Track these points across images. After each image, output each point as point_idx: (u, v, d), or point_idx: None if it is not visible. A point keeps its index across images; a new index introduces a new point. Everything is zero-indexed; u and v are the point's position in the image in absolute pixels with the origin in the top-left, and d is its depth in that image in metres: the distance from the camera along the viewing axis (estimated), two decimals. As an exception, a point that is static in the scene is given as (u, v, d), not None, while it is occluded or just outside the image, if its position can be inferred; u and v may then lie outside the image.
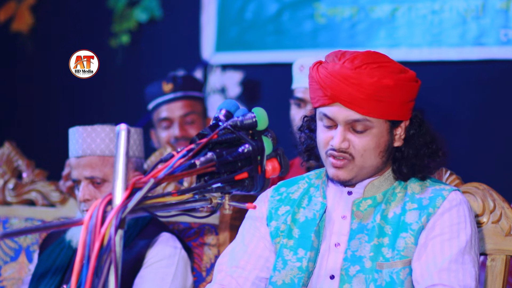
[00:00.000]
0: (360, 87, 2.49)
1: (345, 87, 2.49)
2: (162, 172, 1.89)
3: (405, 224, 2.55)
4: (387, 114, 2.54)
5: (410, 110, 2.60)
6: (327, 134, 2.56)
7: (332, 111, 2.53)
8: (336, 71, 2.51)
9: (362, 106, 2.50)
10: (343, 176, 2.56)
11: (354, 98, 2.49)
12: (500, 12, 4.22)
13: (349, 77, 2.49)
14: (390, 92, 2.51)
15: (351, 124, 2.53)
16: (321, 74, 2.54)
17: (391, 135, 2.58)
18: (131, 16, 5.28)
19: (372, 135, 2.54)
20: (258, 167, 2.05)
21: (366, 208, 2.60)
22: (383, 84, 2.50)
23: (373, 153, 2.55)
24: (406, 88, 2.55)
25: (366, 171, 2.58)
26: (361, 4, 4.56)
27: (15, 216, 3.76)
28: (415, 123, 2.62)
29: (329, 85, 2.51)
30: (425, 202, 2.57)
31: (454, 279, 2.47)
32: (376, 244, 2.54)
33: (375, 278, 2.52)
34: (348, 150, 2.54)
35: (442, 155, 2.65)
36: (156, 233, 3.17)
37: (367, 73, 2.50)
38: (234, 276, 2.64)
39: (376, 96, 2.50)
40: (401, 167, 2.60)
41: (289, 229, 2.63)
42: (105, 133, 3.18)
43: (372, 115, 2.52)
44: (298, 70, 3.75)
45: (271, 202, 2.71)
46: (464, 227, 2.54)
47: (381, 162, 2.59)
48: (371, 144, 2.54)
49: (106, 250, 1.76)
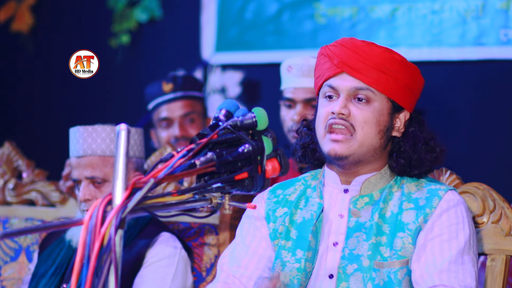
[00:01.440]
0: (368, 54, 2.56)
1: (353, 54, 2.56)
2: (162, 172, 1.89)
3: (402, 224, 2.55)
4: (390, 90, 2.57)
5: (412, 102, 2.62)
6: (328, 107, 2.58)
7: (336, 81, 2.58)
8: (346, 41, 2.61)
9: (367, 75, 2.55)
10: (341, 150, 2.55)
11: (361, 65, 2.55)
12: (500, 12, 4.22)
13: (360, 46, 2.58)
14: (396, 67, 2.57)
15: (354, 93, 2.56)
16: (331, 47, 2.62)
17: (391, 120, 2.60)
18: (131, 16, 5.28)
19: (373, 108, 2.56)
20: (258, 167, 2.05)
21: (363, 206, 2.60)
22: (391, 56, 2.57)
23: (373, 129, 2.56)
24: (411, 72, 2.61)
25: (364, 150, 2.56)
26: (361, 4, 4.56)
27: (15, 216, 3.76)
28: (415, 121, 2.64)
29: (338, 53, 2.58)
30: (421, 202, 2.57)
31: (455, 279, 2.48)
32: (374, 243, 2.55)
33: (372, 277, 2.52)
34: (348, 119, 2.54)
35: (440, 152, 2.65)
36: (156, 233, 3.17)
37: (376, 46, 2.59)
38: (236, 276, 2.64)
39: (383, 67, 2.55)
40: (399, 158, 2.60)
41: (287, 230, 2.63)
42: (105, 133, 3.18)
43: (375, 86, 2.55)
44: (286, 70, 3.75)
45: (268, 204, 2.70)
46: (462, 227, 2.54)
47: (379, 145, 2.58)
48: (371, 118, 2.55)
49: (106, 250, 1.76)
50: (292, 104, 3.74)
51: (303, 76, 3.66)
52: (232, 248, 2.70)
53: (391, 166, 2.63)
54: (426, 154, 2.62)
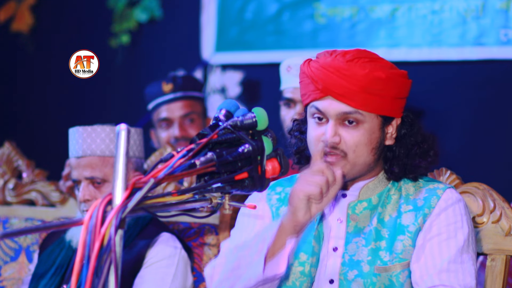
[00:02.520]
0: (352, 78, 2.48)
1: (337, 79, 2.49)
2: (162, 172, 1.89)
3: (402, 227, 2.55)
4: (378, 108, 2.52)
5: (401, 107, 2.59)
6: (318, 131, 2.54)
7: (323, 105, 2.52)
8: (327, 63, 2.51)
9: (354, 99, 2.49)
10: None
11: (346, 90, 2.48)
12: (500, 12, 4.22)
13: (341, 69, 2.49)
14: (382, 85, 2.50)
15: (343, 118, 2.51)
16: (313, 68, 2.54)
17: (382, 132, 2.56)
18: (131, 16, 5.28)
19: (364, 130, 2.52)
20: (258, 167, 2.05)
21: (362, 211, 2.58)
22: (375, 76, 2.49)
23: (365, 149, 2.53)
24: (397, 83, 2.54)
25: (358, 168, 2.55)
26: (361, 4, 4.56)
27: (15, 216, 3.76)
28: (406, 122, 2.61)
29: (320, 77, 2.51)
30: (420, 203, 2.56)
31: (454, 279, 2.47)
32: (374, 248, 2.54)
33: (373, 282, 2.51)
34: (339, 146, 2.51)
35: (434, 155, 2.63)
36: (156, 233, 3.17)
37: (359, 66, 2.49)
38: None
39: (368, 89, 2.49)
40: (393, 166, 2.59)
41: None
42: (105, 133, 3.18)
43: (364, 108, 2.50)
44: (286, 70, 3.75)
45: (270, 199, 2.69)
46: (461, 226, 2.54)
47: (373, 160, 2.56)
48: (362, 140, 2.52)
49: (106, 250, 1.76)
50: (292, 104, 3.74)
51: None
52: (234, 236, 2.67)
53: (386, 173, 2.62)
54: (420, 160, 2.60)
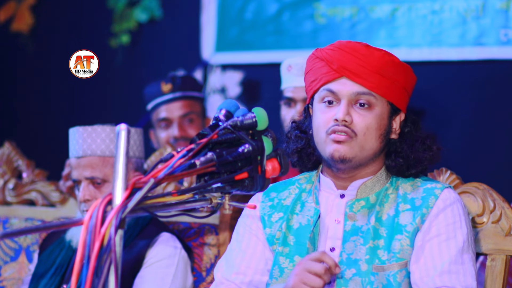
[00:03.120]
0: (368, 58, 2.53)
1: (353, 58, 2.53)
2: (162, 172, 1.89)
3: (400, 226, 2.54)
4: (389, 93, 2.55)
5: (406, 102, 2.62)
6: (329, 113, 2.55)
7: (337, 86, 2.55)
8: (344, 44, 2.57)
9: (368, 80, 2.52)
10: (344, 151, 2.52)
11: (361, 70, 2.52)
12: (500, 12, 4.22)
13: (359, 49, 2.54)
14: (395, 69, 2.55)
15: (356, 98, 2.53)
16: (328, 50, 2.58)
17: (390, 122, 2.59)
18: (131, 16, 5.28)
19: (375, 113, 2.54)
20: (258, 167, 2.05)
21: (359, 210, 2.58)
22: (391, 59, 2.55)
23: (374, 134, 2.55)
24: (407, 72, 2.59)
25: (365, 154, 2.55)
26: (361, 4, 4.56)
27: (15, 216, 3.76)
28: (409, 121, 2.63)
29: (337, 58, 2.55)
30: (418, 203, 2.56)
31: (456, 280, 2.47)
32: (372, 247, 2.54)
33: (371, 281, 2.51)
34: (351, 126, 2.52)
35: (437, 150, 2.64)
36: (156, 233, 3.17)
37: (375, 49, 2.56)
38: (236, 282, 2.62)
39: (383, 71, 2.53)
40: (397, 158, 2.59)
41: (284, 236, 2.61)
42: (105, 133, 3.18)
43: (377, 90, 2.53)
44: (286, 70, 3.76)
45: (263, 208, 2.68)
46: (460, 226, 2.54)
47: (379, 148, 2.57)
48: (373, 123, 2.54)
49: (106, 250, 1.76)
50: (292, 103, 3.74)
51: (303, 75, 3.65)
52: (229, 254, 2.68)
53: (388, 167, 2.61)
54: (423, 153, 2.61)
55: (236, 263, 2.64)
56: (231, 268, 2.64)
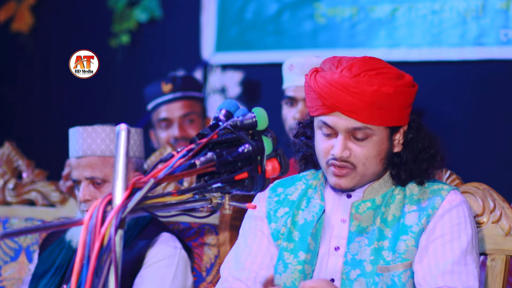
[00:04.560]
0: (360, 95, 2.47)
1: (344, 96, 2.47)
2: (162, 172, 1.89)
3: (405, 227, 2.55)
4: (387, 121, 2.53)
5: (408, 115, 2.59)
6: (327, 144, 2.54)
7: (332, 120, 2.52)
8: (335, 80, 2.49)
9: (362, 115, 2.48)
10: (345, 185, 2.55)
11: (354, 106, 2.48)
12: (500, 12, 4.22)
13: (349, 86, 2.47)
14: (390, 100, 2.49)
15: (352, 132, 2.51)
16: (319, 84, 2.52)
17: (390, 141, 2.57)
18: (131, 16, 5.28)
19: (373, 142, 2.53)
20: (258, 167, 2.05)
21: (365, 211, 2.59)
22: (383, 92, 2.48)
23: (374, 161, 2.54)
24: (405, 94, 2.53)
25: (367, 178, 2.57)
26: (361, 4, 4.56)
27: (15, 216, 3.76)
28: (413, 127, 2.61)
29: (328, 94, 2.49)
30: (424, 204, 2.56)
31: (458, 281, 2.47)
32: (376, 248, 2.54)
33: (376, 281, 2.51)
34: (349, 159, 2.52)
35: (440, 160, 2.64)
36: (156, 233, 3.17)
37: (366, 81, 2.48)
38: (242, 279, 2.62)
39: (376, 104, 2.48)
40: (400, 172, 2.59)
41: (289, 232, 2.62)
42: (105, 133, 3.18)
43: (372, 122, 2.50)
44: (288, 69, 3.76)
45: (269, 203, 2.69)
46: (464, 227, 2.54)
47: (382, 169, 2.58)
48: (372, 152, 2.53)
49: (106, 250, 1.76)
50: (294, 102, 3.74)
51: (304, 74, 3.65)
52: (235, 251, 2.69)
53: (393, 177, 2.62)
54: (427, 165, 2.61)
55: (242, 259, 2.65)
56: (237, 265, 2.65)
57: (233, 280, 2.63)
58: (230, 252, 2.71)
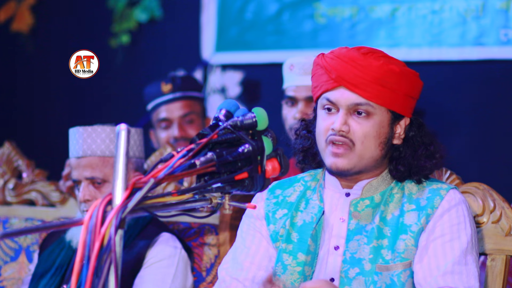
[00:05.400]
0: (366, 69, 2.51)
1: (351, 68, 2.51)
2: (162, 172, 1.89)
3: (404, 226, 2.55)
4: (390, 102, 2.54)
5: (411, 108, 2.60)
6: (328, 121, 2.56)
7: (335, 95, 2.54)
8: (343, 53, 2.55)
9: (366, 90, 2.51)
10: (342, 164, 2.54)
11: (359, 80, 2.51)
12: (500, 12, 4.22)
13: (357, 59, 2.52)
14: (395, 79, 2.52)
15: (354, 108, 2.53)
16: (327, 58, 2.57)
17: (391, 129, 2.58)
18: (131, 16, 5.28)
19: (373, 122, 2.53)
20: (258, 167, 2.05)
21: (364, 209, 2.59)
22: (390, 68, 2.52)
23: (373, 142, 2.54)
24: (410, 80, 2.56)
25: (365, 162, 2.56)
26: (361, 4, 4.56)
27: (15, 216, 3.76)
28: (415, 125, 2.62)
29: (335, 67, 2.53)
30: (423, 203, 2.56)
31: (459, 281, 2.47)
32: (376, 246, 2.54)
33: (375, 280, 2.51)
34: (348, 135, 2.52)
35: (439, 158, 2.64)
36: (156, 233, 3.17)
37: (374, 58, 2.53)
38: (240, 279, 2.62)
39: (382, 81, 2.51)
40: (398, 165, 2.59)
41: (288, 233, 2.62)
42: (105, 133, 3.18)
43: (375, 100, 2.52)
44: (288, 69, 3.76)
45: (268, 205, 2.69)
46: (464, 227, 2.54)
47: (379, 155, 2.57)
48: (371, 132, 2.53)
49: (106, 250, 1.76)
50: (294, 102, 3.74)
51: (305, 74, 3.67)
52: (233, 252, 2.69)
53: (391, 172, 2.62)
54: (426, 161, 2.60)
55: (240, 259, 2.65)
56: (235, 265, 2.65)
57: (231, 280, 2.62)
58: (228, 253, 2.71)
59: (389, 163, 2.62)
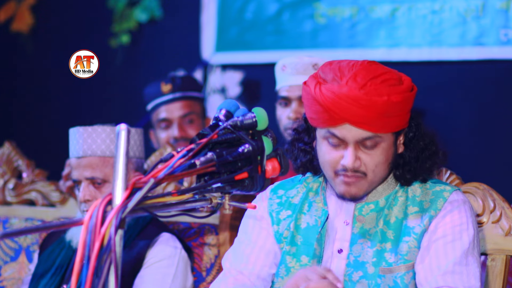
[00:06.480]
0: (371, 108, 2.45)
1: (355, 109, 2.45)
2: (162, 172, 1.89)
3: (408, 228, 2.55)
4: (395, 127, 2.53)
5: (409, 115, 2.60)
6: (335, 154, 2.52)
7: (341, 132, 2.50)
8: (344, 93, 2.45)
9: (373, 125, 2.47)
10: (355, 192, 2.54)
11: (365, 118, 2.46)
12: (500, 12, 4.22)
13: (359, 99, 2.44)
14: (399, 107, 2.50)
15: (362, 142, 2.50)
16: (327, 97, 2.47)
17: (395, 146, 2.58)
18: (131, 16, 5.28)
19: (382, 149, 2.52)
20: (258, 167, 2.05)
21: (368, 213, 2.59)
22: (393, 101, 2.47)
23: (383, 166, 2.54)
24: (410, 100, 2.54)
25: (375, 184, 2.57)
26: (361, 4, 4.56)
27: (15, 216, 3.76)
28: (412, 126, 2.61)
29: (338, 107, 2.46)
30: (426, 205, 2.57)
31: (459, 281, 2.47)
32: (379, 250, 2.54)
33: (378, 283, 2.51)
34: (360, 169, 2.51)
35: (442, 156, 2.64)
36: (156, 233, 3.17)
37: (375, 92, 2.46)
38: (245, 273, 2.61)
39: (387, 113, 2.48)
40: (404, 173, 2.59)
41: (292, 235, 2.61)
42: (105, 133, 3.18)
43: (382, 131, 2.50)
44: (281, 70, 3.76)
45: (271, 204, 2.69)
46: (466, 228, 2.54)
47: (388, 173, 2.59)
48: (381, 159, 2.53)
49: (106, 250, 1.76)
50: (288, 102, 3.74)
51: (297, 74, 3.66)
52: (237, 246, 2.68)
53: (396, 177, 2.61)
54: (429, 161, 2.60)
55: (245, 254, 2.64)
56: (240, 259, 2.64)
57: (236, 272, 2.62)
58: (231, 248, 2.70)
59: (395, 168, 2.61)
